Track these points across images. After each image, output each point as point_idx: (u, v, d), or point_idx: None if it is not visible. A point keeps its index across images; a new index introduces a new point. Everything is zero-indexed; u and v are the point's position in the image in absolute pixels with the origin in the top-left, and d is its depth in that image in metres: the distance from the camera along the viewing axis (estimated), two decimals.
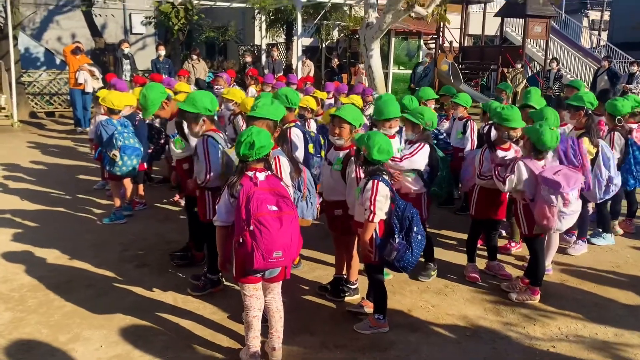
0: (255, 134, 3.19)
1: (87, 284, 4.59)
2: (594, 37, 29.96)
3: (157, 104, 4.62)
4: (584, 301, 4.53)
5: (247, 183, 3.16)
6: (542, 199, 4.16)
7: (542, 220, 4.21)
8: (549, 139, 4.17)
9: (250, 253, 3.04)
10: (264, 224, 3.02)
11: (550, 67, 15.19)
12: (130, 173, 6.01)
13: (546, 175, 4.13)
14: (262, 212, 3.04)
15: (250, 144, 3.16)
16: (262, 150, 3.20)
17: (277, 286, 3.50)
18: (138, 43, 21.50)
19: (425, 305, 4.38)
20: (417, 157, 4.44)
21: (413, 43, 17.32)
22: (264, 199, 3.08)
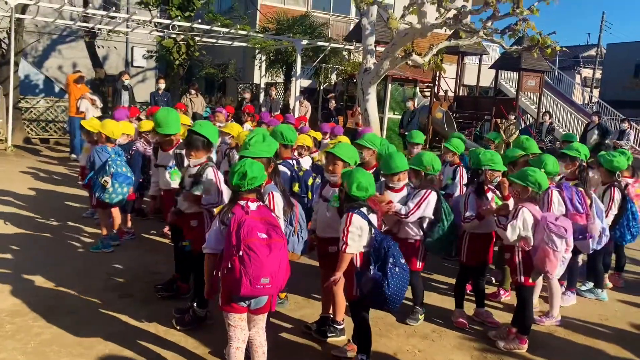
0: (248, 165, 3.24)
1: (68, 311, 4.49)
2: (586, 93, 30.67)
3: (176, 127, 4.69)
4: (572, 352, 4.48)
5: (238, 211, 3.18)
6: (545, 244, 4.17)
7: (545, 266, 4.22)
8: (544, 180, 4.23)
9: (238, 279, 3.03)
10: (253, 249, 3.02)
11: (543, 120, 15.47)
12: (119, 202, 5.98)
13: (552, 221, 4.17)
14: (252, 239, 3.05)
15: (242, 174, 3.20)
16: (254, 181, 3.24)
17: (262, 320, 3.46)
18: (138, 75, 21.79)
19: (412, 349, 4.31)
20: (424, 207, 4.41)
21: (409, 90, 17.62)
22: (254, 226, 3.10)
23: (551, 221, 4.18)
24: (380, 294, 3.56)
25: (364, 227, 3.66)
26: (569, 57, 34.94)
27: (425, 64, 10.88)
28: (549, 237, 4.13)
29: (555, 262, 4.16)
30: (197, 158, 4.22)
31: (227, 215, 3.19)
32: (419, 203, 4.38)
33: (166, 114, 4.75)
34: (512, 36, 10.27)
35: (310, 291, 5.22)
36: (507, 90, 21.36)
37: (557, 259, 4.16)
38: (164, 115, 4.73)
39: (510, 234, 4.23)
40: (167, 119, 4.70)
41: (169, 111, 4.86)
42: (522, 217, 4.22)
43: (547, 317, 4.99)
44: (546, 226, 4.17)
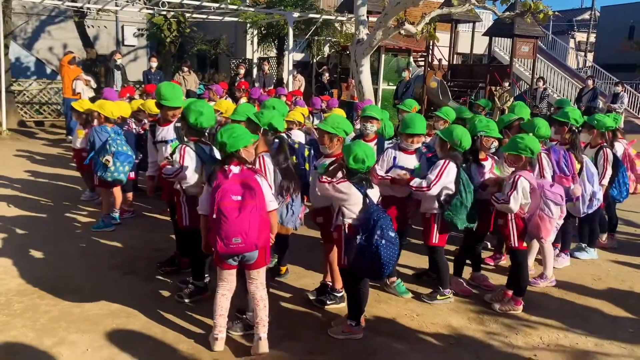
0: (230, 127, 3.55)
1: (73, 289, 4.59)
2: (580, 57, 30.52)
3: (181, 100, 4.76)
4: (566, 312, 4.61)
5: (219, 176, 3.46)
6: (541, 211, 4.25)
7: (539, 232, 4.31)
8: (535, 144, 4.29)
9: (214, 239, 3.37)
10: (223, 212, 3.33)
11: (537, 86, 15.46)
12: (120, 180, 6.04)
13: (548, 189, 4.24)
14: (224, 202, 3.34)
15: (230, 133, 3.47)
16: (235, 141, 3.47)
17: (260, 275, 3.68)
18: (130, 55, 21.56)
19: (410, 314, 4.44)
20: (445, 178, 4.34)
21: (403, 60, 17.54)
22: (229, 189, 3.37)
23: (547, 188, 4.26)
24: (365, 263, 3.63)
25: (352, 199, 3.70)
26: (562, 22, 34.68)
27: (418, 33, 10.83)
28: (545, 204, 4.21)
29: (550, 228, 4.26)
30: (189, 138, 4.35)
31: (211, 178, 3.49)
32: (440, 173, 4.32)
33: (172, 88, 4.80)
34: (505, 2, 10.23)
35: (309, 263, 5.32)
36: (501, 57, 21.23)
37: (552, 226, 4.26)
38: (170, 88, 4.76)
39: (513, 206, 4.27)
40: (174, 92, 4.74)
41: (173, 85, 4.91)
42: (520, 186, 4.27)
43: (541, 279, 5.11)
44: (543, 194, 4.25)
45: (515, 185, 4.27)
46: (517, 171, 4.37)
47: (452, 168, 4.36)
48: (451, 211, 4.37)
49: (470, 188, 4.41)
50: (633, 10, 32.25)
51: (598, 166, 5.57)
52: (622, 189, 5.94)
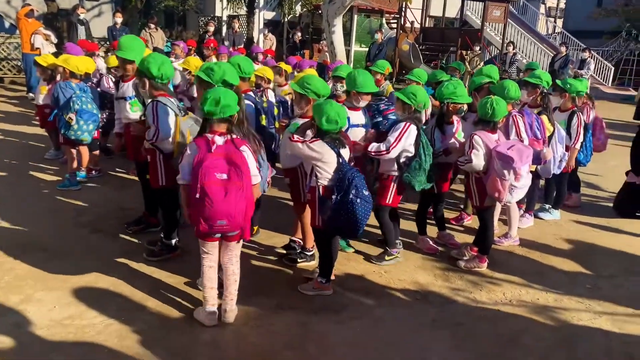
0: (222, 92, 3.26)
1: (40, 248, 4.52)
2: (549, 23, 30.72)
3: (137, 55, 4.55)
4: (528, 269, 4.77)
5: (202, 147, 3.21)
6: (494, 172, 4.32)
7: (494, 192, 4.38)
8: (500, 110, 4.33)
9: (196, 217, 3.18)
10: (208, 193, 3.11)
11: (507, 51, 15.56)
12: (85, 138, 5.89)
13: (500, 150, 4.29)
14: (209, 181, 3.13)
15: (216, 101, 3.21)
16: (227, 109, 3.25)
17: (236, 248, 3.57)
18: (94, 9, 20.73)
19: (378, 271, 4.53)
20: (404, 141, 4.32)
21: (375, 21, 17.39)
22: (214, 166, 3.15)
23: (499, 150, 4.28)
24: (341, 222, 3.66)
25: (326, 157, 3.68)
26: None
27: None
28: (497, 166, 4.26)
29: (503, 190, 4.28)
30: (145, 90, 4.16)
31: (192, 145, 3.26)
32: (399, 137, 4.29)
33: (131, 39, 4.65)
34: None
35: (278, 223, 5.31)
36: (472, 21, 21.22)
37: (504, 188, 4.29)
38: (129, 40, 4.62)
39: (477, 163, 4.34)
40: (131, 44, 4.58)
41: (134, 38, 4.74)
42: (477, 144, 4.35)
43: (505, 238, 5.26)
44: (495, 156, 4.29)
45: (472, 144, 4.36)
46: (473, 131, 4.44)
47: (413, 130, 4.35)
48: (410, 173, 4.38)
49: (429, 151, 4.41)
50: None
51: (571, 130, 5.68)
52: (588, 153, 6.11)
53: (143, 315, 3.62)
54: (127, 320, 3.54)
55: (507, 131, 4.79)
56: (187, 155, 3.31)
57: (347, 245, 4.85)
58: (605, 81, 21.26)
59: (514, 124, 4.82)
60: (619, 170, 7.06)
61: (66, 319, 3.51)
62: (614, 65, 22.63)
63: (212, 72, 3.76)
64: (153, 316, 3.62)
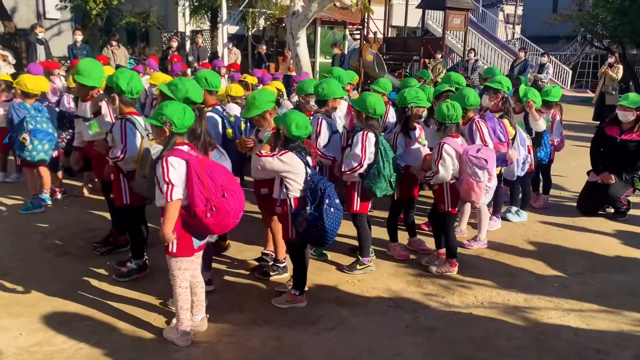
0: (178, 105, 3.32)
1: (3, 273, 4.38)
2: (508, 30, 31.53)
3: (97, 80, 4.50)
4: (498, 271, 4.85)
5: (190, 157, 3.22)
6: (468, 176, 4.39)
7: (470, 196, 4.46)
8: (459, 112, 4.42)
9: (225, 217, 3.24)
10: (232, 189, 3.28)
11: (468, 58, 15.88)
12: (42, 159, 5.75)
13: (472, 153, 4.38)
14: (225, 180, 3.27)
15: (183, 113, 3.25)
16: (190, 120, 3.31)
17: (200, 256, 3.60)
18: (53, 29, 20.36)
19: (351, 280, 4.54)
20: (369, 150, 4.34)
21: (338, 33, 17.56)
22: (215, 170, 3.26)
23: (472, 154, 4.37)
24: (316, 232, 3.70)
25: (296, 168, 3.72)
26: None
27: (353, 5, 10.87)
28: (472, 170, 4.35)
29: (480, 192, 4.41)
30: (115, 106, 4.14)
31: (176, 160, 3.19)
32: (364, 148, 4.33)
33: (90, 64, 4.53)
34: None
35: (250, 236, 5.29)
36: (434, 29, 21.64)
37: (480, 189, 4.41)
38: (87, 64, 4.52)
39: (444, 174, 4.41)
40: (90, 69, 4.49)
41: (93, 62, 4.63)
42: (445, 153, 4.40)
43: (474, 241, 5.34)
44: (468, 159, 4.38)
45: (441, 154, 4.40)
46: (442, 139, 4.49)
47: (371, 137, 4.38)
48: (369, 180, 4.40)
49: (388, 157, 4.41)
50: None
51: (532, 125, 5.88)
52: (548, 151, 6.30)
53: (114, 337, 3.54)
54: (98, 343, 3.46)
55: (471, 137, 4.88)
56: (174, 171, 3.17)
57: (322, 253, 4.86)
58: (564, 84, 21.91)
59: (477, 130, 4.91)
60: (581, 170, 7.26)
61: (34, 346, 3.41)
62: (572, 69, 23.35)
63: (175, 88, 3.73)
64: (125, 338, 3.55)
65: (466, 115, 4.86)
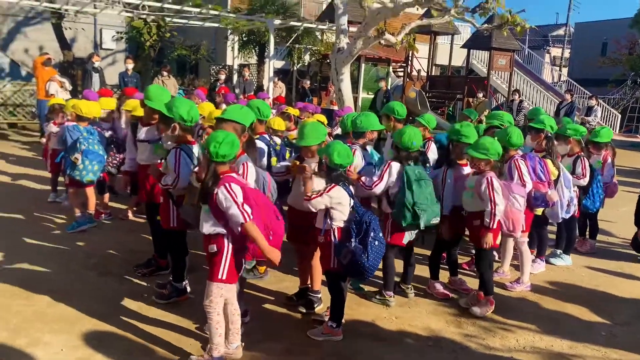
0: (232, 135, 3.34)
1: (48, 290, 4.49)
2: (555, 72, 31.19)
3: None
4: (542, 316, 4.67)
5: (244, 184, 3.35)
6: (511, 206, 4.41)
7: (516, 226, 4.49)
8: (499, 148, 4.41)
9: (280, 241, 3.40)
10: (282, 213, 3.39)
11: (513, 98, 15.74)
12: (90, 180, 5.96)
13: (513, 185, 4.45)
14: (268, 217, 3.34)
15: (232, 143, 3.28)
16: (237, 149, 3.35)
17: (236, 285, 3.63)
18: (108, 58, 21.34)
19: (389, 316, 4.45)
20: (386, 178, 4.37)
21: (382, 69, 17.70)
22: (262, 194, 3.39)
23: (511, 184, 4.48)
24: (359, 265, 3.68)
25: (343, 200, 3.75)
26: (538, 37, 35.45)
27: (398, 43, 10.94)
28: (514, 198, 4.34)
29: (521, 221, 4.40)
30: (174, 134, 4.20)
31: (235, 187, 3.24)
32: (382, 174, 4.38)
33: (160, 90, 4.68)
34: (483, 14, 10.38)
35: (288, 265, 5.25)
36: (478, 69, 21.62)
37: (521, 218, 4.43)
38: (157, 90, 4.66)
39: (502, 203, 4.35)
40: (159, 94, 4.63)
41: (162, 88, 4.79)
42: (497, 184, 4.33)
43: (517, 284, 5.18)
44: (509, 190, 4.39)
45: (493, 186, 4.32)
46: (484, 173, 4.39)
47: (395, 168, 4.37)
48: (395, 209, 4.37)
49: (417, 186, 4.27)
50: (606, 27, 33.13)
51: (576, 173, 5.72)
52: (596, 199, 6.08)
53: (150, 359, 3.56)
54: None
55: (510, 175, 4.81)
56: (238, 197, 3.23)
57: (359, 287, 4.82)
58: (612, 128, 21.39)
59: (515, 168, 4.84)
60: (630, 215, 6.98)
61: None
62: (620, 113, 22.81)
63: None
64: None
65: (507, 153, 4.81)
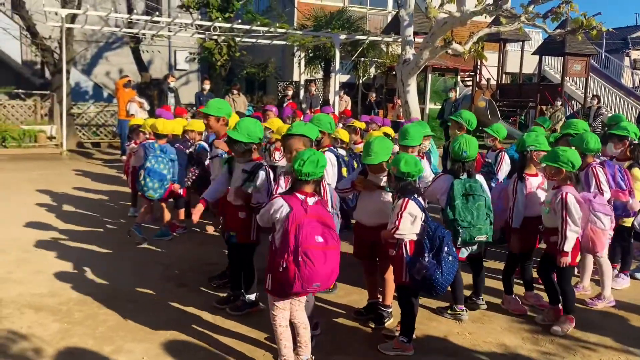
0: (318, 153, 3.34)
1: (130, 299, 4.74)
2: (636, 76, 29.50)
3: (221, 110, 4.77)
4: (626, 334, 4.41)
5: (297, 208, 3.23)
6: (592, 224, 4.18)
7: (595, 246, 4.29)
8: (576, 158, 4.16)
9: (291, 280, 3.15)
10: (310, 257, 3.12)
11: (591, 104, 15.05)
12: (151, 195, 6.22)
13: (596, 201, 4.20)
14: (310, 245, 3.13)
15: (316, 162, 3.28)
16: (322, 170, 3.33)
17: (302, 300, 3.59)
18: (182, 78, 22.34)
19: (462, 332, 4.35)
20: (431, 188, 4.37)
21: (450, 80, 17.45)
22: (312, 229, 3.16)
23: (594, 200, 4.14)
24: (433, 280, 3.64)
25: (417, 215, 3.73)
26: (617, 39, 33.67)
27: (465, 52, 10.78)
28: (596, 217, 4.08)
29: (605, 241, 4.12)
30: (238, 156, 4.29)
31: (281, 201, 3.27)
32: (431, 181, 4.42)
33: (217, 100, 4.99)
34: (555, 19, 10.05)
35: (357, 279, 5.26)
36: (551, 76, 20.83)
37: (605, 238, 4.12)
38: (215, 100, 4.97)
39: (575, 223, 4.10)
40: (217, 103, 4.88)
41: (220, 99, 5.08)
42: (571, 203, 4.09)
43: (599, 300, 4.92)
44: (591, 207, 4.12)
45: (567, 205, 4.09)
46: (561, 188, 4.20)
47: (442, 179, 4.31)
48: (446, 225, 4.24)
49: (455, 202, 4.11)
50: None
51: None
52: None
53: None
54: None
55: (587, 183, 4.59)
56: (274, 211, 3.29)
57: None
58: None
59: (593, 176, 4.62)
60: None
61: None
62: None
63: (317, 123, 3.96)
64: None
65: (584, 160, 4.59)
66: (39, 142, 13.77)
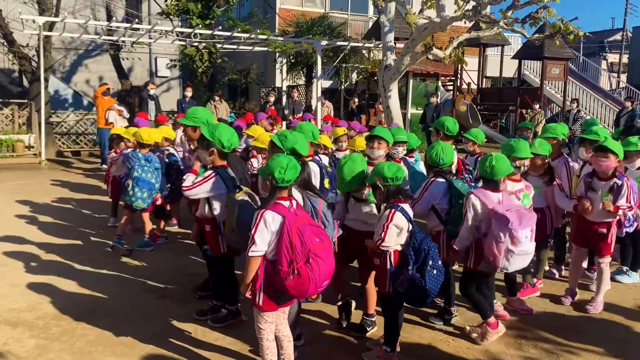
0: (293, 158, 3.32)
1: (109, 313, 4.65)
2: (613, 79, 30.02)
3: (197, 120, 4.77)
4: (607, 336, 4.45)
5: (288, 214, 3.20)
6: (491, 234, 3.92)
7: (489, 256, 3.96)
8: (501, 168, 4.01)
9: (306, 284, 3.14)
10: (319, 256, 3.15)
11: (571, 108, 15.24)
12: (139, 205, 6.15)
13: (497, 210, 3.92)
14: (314, 245, 3.16)
15: (296, 168, 3.28)
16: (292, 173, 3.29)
17: (286, 312, 3.58)
18: (163, 85, 22.18)
19: (446, 339, 4.34)
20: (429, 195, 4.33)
21: (431, 84, 17.57)
22: (310, 230, 3.18)
23: (495, 210, 3.91)
24: (415, 293, 3.63)
25: (404, 227, 3.71)
26: (594, 43, 34.23)
27: (446, 57, 10.83)
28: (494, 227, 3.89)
29: (499, 254, 3.86)
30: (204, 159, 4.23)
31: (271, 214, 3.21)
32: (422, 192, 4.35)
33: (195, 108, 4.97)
34: (534, 24, 10.17)
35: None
36: (531, 80, 21.09)
37: (499, 251, 3.85)
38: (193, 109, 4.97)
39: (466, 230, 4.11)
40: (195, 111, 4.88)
41: (201, 108, 5.04)
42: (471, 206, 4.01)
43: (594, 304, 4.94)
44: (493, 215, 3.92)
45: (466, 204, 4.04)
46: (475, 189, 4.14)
47: (436, 184, 4.31)
48: (451, 225, 4.26)
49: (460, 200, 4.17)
50: None
51: None
52: None
53: None
54: None
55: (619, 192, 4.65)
56: (267, 225, 3.21)
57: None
58: None
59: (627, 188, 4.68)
60: None
61: None
62: None
63: (285, 139, 3.86)
64: None
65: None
66: (16, 151, 13.53)
